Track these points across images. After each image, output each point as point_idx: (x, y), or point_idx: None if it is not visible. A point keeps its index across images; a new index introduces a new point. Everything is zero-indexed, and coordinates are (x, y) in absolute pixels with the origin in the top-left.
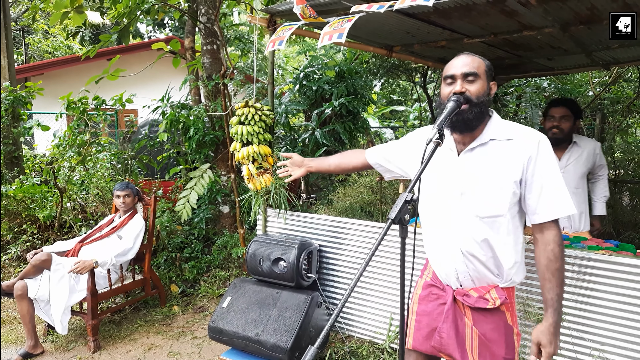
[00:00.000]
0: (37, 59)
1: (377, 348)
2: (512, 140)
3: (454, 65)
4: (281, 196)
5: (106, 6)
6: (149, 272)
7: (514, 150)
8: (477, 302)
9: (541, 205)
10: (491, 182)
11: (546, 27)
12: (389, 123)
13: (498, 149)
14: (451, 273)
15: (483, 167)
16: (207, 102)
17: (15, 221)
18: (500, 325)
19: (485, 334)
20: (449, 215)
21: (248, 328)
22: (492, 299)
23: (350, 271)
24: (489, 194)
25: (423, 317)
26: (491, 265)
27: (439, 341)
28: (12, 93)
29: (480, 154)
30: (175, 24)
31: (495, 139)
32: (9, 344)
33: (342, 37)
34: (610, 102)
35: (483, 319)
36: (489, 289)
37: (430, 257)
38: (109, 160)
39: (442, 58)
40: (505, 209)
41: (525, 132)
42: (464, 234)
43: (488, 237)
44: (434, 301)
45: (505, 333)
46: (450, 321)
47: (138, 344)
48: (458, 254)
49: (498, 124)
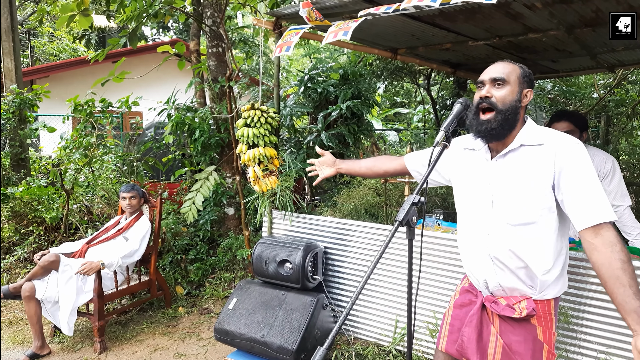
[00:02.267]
0: (42, 61)
1: (382, 350)
2: (543, 145)
3: (486, 71)
4: (287, 198)
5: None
6: (155, 273)
7: (545, 155)
8: (504, 310)
9: (586, 209)
10: (522, 188)
11: (551, 30)
12: (393, 125)
13: (529, 155)
14: (482, 281)
15: (514, 173)
16: (213, 105)
17: (22, 223)
18: (528, 339)
19: (510, 345)
20: (481, 223)
21: (254, 329)
22: (519, 309)
23: (355, 273)
24: (519, 201)
25: (456, 322)
26: (522, 275)
27: (460, 344)
28: (19, 95)
29: (511, 160)
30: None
31: (525, 145)
32: (16, 345)
33: (348, 34)
34: (615, 105)
35: (510, 329)
36: (520, 299)
37: (464, 264)
38: (114, 162)
39: (447, 60)
40: (536, 216)
41: (558, 137)
42: (495, 242)
43: (519, 245)
44: (467, 307)
45: (533, 348)
46: (474, 326)
47: (144, 345)
48: (488, 261)
49: (531, 129)
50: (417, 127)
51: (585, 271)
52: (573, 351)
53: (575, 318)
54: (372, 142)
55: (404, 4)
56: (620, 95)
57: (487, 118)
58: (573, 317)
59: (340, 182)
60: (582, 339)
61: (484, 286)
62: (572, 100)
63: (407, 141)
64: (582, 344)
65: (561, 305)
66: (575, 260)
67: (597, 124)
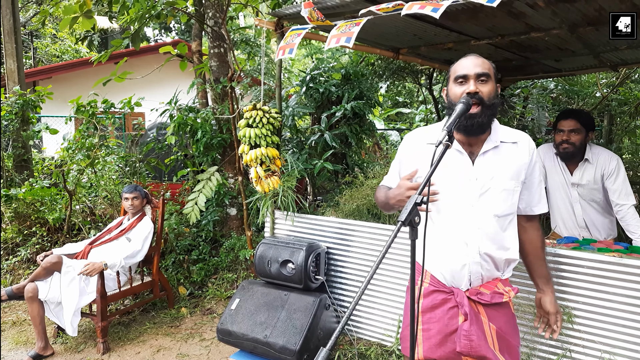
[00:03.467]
0: (45, 62)
1: (385, 350)
2: (517, 143)
3: (465, 65)
4: (289, 198)
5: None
6: (158, 274)
7: (520, 152)
8: (494, 298)
9: (538, 200)
10: (505, 181)
11: (554, 29)
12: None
13: (508, 151)
14: (463, 275)
15: (497, 168)
16: (215, 105)
17: (25, 224)
18: (509, 316)
19: (501, 327)
20: (465, 218)
21: (256, 330)
22: (505, 292)
23: (358, 273)
24: (504, 193)
25: (432, 325)
26: (502, 263)
27: (468, 344)
28: (22, 97)
29: (493, 155)
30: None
31: (505, 141)
32: (20, 346)
33: (350, 41)
34: (618, 104)
35: (496, 314)
36: (495, 283)
37: (435, 263)
38: (117, 163)
39: (449, 60)
40: (514, 206)
41: (525, 137)
42: (482, 235)
43: (502, 236)
44: (442, 306)
45: (513, 323)
46: (475, 323)
47: (147, 345)
48: (475, 255)
49: (501, 127)
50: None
51: (589, 270)
52: (577, 351)
53: (578, 317)
54: (374, 142)
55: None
56: (624, 94)
57: (476, 112)
58: (577, 317)
59: (343, 182)
60: (586, 339)
61: (467, 281)
62: (575, 99)
63: None
64: (586, 344)
65: (564, 305)
66: (578, 259)
67: (600, 123)
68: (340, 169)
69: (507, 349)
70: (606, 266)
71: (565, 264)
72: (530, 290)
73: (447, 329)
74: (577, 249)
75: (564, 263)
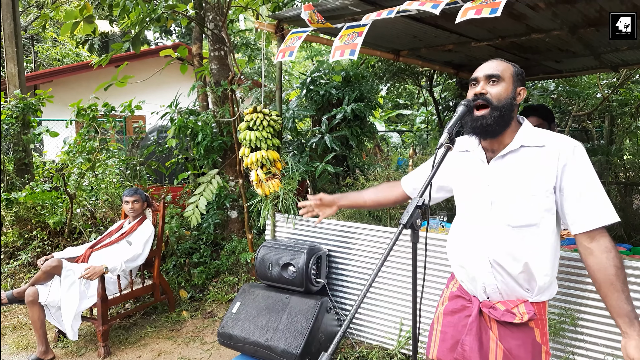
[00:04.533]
0: (46, 66)
1: (387, 354)
2: (545, 147)
3: (480, 68)
4: (290, 201)
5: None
6: (158, 277)
7: (546, 157)
8: (504, 316)
9: (586, 212)
10: (523, 189)
11: (554, 30)
12: (396, 127)
13: (530, 156)
14: (478, 285)
15: (514, 174)
16: (215, 108)
17: (26, 227)
18: (527, 342)
19: (510, 350)
20: (479, 225)
21: (258, 333)
22: (519, 313)
23: (359, 276)
24: (521, 202)
25: (448, 329)
26: (521, 279)
27: (462, 354)
28: (23, 100)
29: (511, 161)
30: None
31: (526, 146)
32: (20, 350)
33: (355, 53)
34: (618, 104)
35: (509, 334)
36: (518, 303)
37: (457, 268)
38: (118, 167)
39: (449, 61)
40: (538, 218)
41: (559, 139)
42: (494, 245)
43: (519, 249)
44: (460, 313)
45: (532, 351)
46: (474, 334)
47: (148, 349)
48: (486, 265)
49: (529, 131)
50: (420, 129)
51: None
52: (580, 353)
53: (582, 320)
54: (375, 144)
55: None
56: (624, 95)
57: (482, 114)
58: (580, 319)
59: (344, 184)
60: (589, 342)
61: (482, 291)
62: (575, 100)
63: (410, 143)
64: (589, 347)
65: (567, 307)
66: (581, 261)
67: (600, 124)
68: (341, 171)
69: None
70: None
71: (568, 266)
72: None
73: (459, 336)
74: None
75: (566, 265)
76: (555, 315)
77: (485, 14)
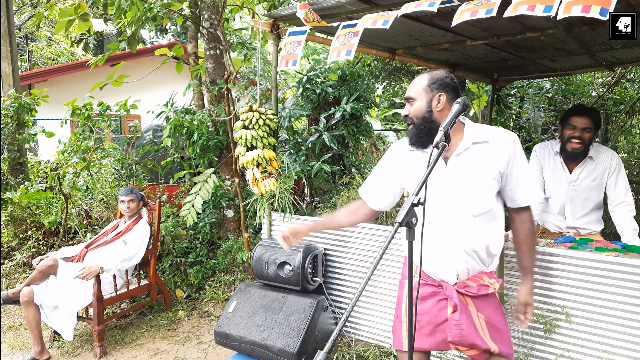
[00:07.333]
0: (40, 65)
1: (383, 352)
2: (489, 142)
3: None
4: (286, 200)
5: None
6: (154, 277)
7: (493, 150)
8: (480, 290)
9: (520, 193)
10: (479, 181)
11: (549, 29)
12: (392, 126)
13: (479, 151)
14: (452, 271)
15: (470, 169)
16: (211, 107)
17: (21, 227)
18: (496, 305)
19: (489, 316)
20: (448, 221)
21: (254, 332)
22: (490, 284)
23: (355, 274)
24: (478, 193)
25: (422, 316)
26: (485, 257)
27: (459, 334)
28: (17, 100)
29: (466, 157)
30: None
31: (476, 142)
32: (16, 350)
33: (351, 54)
34: (613, 103)
35: (483, 304)
36: (481, 275)
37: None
38: (113, 166)
39: (445, 60)
40: (492, 203)
41: (499, 133)
42: (465, 234)
43: (484, 233)
44: (431, 298)
45: (500, 310)
46: (464, 313)
47: (144, 349)
48: (461, 253)
49: (475, 128)
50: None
51: (586, 270)
52: (575, 351)
53: (576, 317)
54: (371, 142)
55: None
56: (619, 94)
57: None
58: (574, 317)
59: (340, 183)
60: (584, 339)
61: (454, 275)
62: (570, 99)
63: None
64: (584, 344)
65: (562, 305)
66: (578, 259)
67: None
68: (338, 170)
69: (497, 335)
70: (603, 265)
71: (562, 263)
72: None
73: (437, 320)
74: (575, 248)
75: (561, 262)
76: (550, 312)
77: (481, 15)
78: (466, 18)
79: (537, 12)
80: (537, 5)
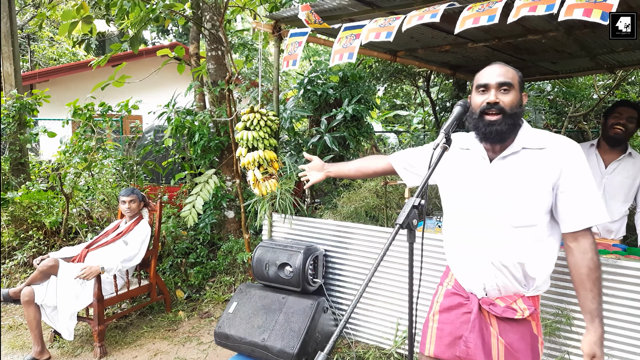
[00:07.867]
0: (42, 66)
1: (383, 353)
2: (545, 149)
3: (488, 74)
4: (287, 201)
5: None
6: (155, 277)
7: (547, 158)
8: (505, 312)
9: (574, 213)
10: (524, 190)
11: (551, 31)
12: (393, 127)
13: (530, 158)
14: (478, 283)
15: (516, 175)
16: (212, 108)
17: (22, 227)
18: (526, 335)
19: (511, 344)
20: (481, 225)
21: (254, 333)
22: (520, 309)
23: (356, 276)
24: (522, 203)
25: (445, 326)
26: (520, 276)
27: (465, 351)
28: (19, 100)
29: (512, 162)
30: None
31: (527, 148)
32: (16, 350)
33: (353, 56)
34: None
35: (509, 328)
36: (515, 298)
37: (454, 266)
38: (114, 166)
39: (446, 62)
40: (539, 218)
41: (558, 140)
42: (497, 245)
43: (521, 249)
44: (457, 309)
45: (531, 343)
46: (477, 331)
47: (144, 349)
48: (488, 265)
49: (529, 132)
50: (417, 129)
51: None
52: (575, 353)
53: (577, 320)
54: (372, 144)
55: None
56: (620, 96)
57: (496, 119)
58: (575, 319)
59: (341, 184)
60: None
61: (481, 289)
62: (571, 102)
63: (407, 143)
64: None
65: (563, 307)
66: None
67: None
68: None
69: None
70: (604, 268)
71: (564, 266)
72: None
73: (457, 332)
74: None
75: (562, 265)
76: (550, 315)
77: (484, 22)
78: (469, 26)
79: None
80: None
